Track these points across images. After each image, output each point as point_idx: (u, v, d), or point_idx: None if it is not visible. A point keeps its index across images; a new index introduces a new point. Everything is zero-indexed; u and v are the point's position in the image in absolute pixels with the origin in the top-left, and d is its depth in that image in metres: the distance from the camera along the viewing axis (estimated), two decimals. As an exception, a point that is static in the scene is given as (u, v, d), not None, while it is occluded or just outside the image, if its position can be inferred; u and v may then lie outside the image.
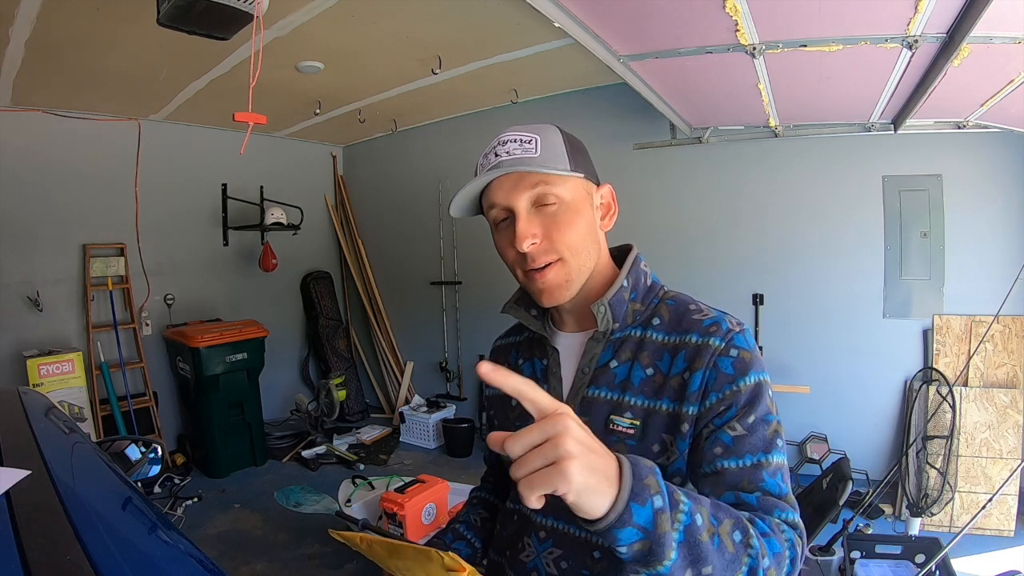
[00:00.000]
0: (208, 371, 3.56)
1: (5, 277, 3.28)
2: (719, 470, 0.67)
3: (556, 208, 0.74)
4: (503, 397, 0.90)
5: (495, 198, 0.75)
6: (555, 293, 0.76)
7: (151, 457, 1.39)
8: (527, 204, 0.74)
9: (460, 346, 4.56)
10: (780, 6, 1.68)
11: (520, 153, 0.73)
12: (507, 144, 0.75)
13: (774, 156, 3.30)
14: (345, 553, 2.69)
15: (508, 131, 0.77)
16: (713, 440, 0.69)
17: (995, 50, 1.75)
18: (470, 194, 0.77)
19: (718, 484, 0.67)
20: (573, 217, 0.75)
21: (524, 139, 0.74)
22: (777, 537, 0.61)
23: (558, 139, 0.76)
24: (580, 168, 0.76)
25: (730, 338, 0.72)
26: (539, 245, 0.73)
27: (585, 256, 0.76)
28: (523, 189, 0.73)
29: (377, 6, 2.35)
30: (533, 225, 0.73)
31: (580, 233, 0.75)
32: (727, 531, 0.56)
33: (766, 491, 0.66)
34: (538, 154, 0.73)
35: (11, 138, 3.24)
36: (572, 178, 0.75)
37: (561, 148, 0.75)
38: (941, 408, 2.87)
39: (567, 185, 0.75)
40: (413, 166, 4.61)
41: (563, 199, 0.74)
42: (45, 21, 2.22)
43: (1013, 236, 2.88)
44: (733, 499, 0.66)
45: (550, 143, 0.75)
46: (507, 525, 0.86)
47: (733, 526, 0.57)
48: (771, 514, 0.65)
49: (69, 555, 0.56)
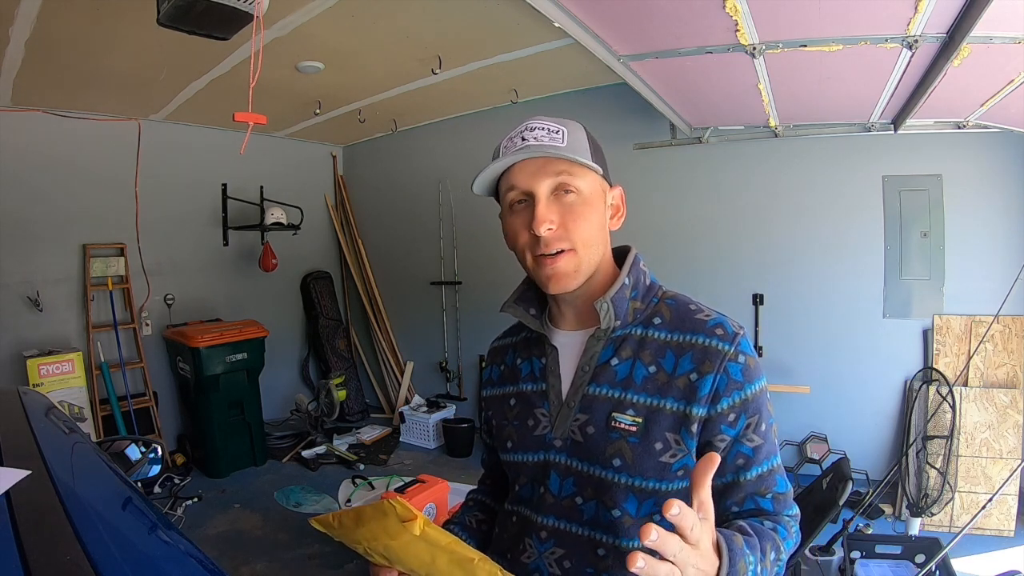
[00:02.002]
0: (208, 371, 3.56)
1: (5, 277, 3.27)
2: (740, 482, 0.74)
3: (575, 198, 0.76)
4: (501, 397, 0.90)
5: (516, 180, 0.76)
6: (562, 281, 0.77)
7: (151, 457, 1.39)
8: (548, 190, 0.75)
9: (460, 346, 4.56)
10: (780, 6, 1.68)
11: (548, 140, 0.75)
12: (535, 131, 0.76)
13: (774, 156, 3.30)
14: (345, 553, 2.68)
15: (536, 119, 0.78)
16: (735, 453, 0.74)
17: (995, 50, 1.75)
18: (495, 172, 0.78)
19: (739, 492, 0.74)
20: (589, 210, 0.76)
21: (552, 128, 0.76)
22: (791, 538, 0.73)
23: (583, 135, 0.79)
24: (600, 166, 0.78)
25: (738, 343, 0.75)
26: (555, 232, 0.75)
27: (594, 250, 0.78)
28: (547, 175, 0.75)
29: (377, 6, 2.36)
30: (552, 211, 0.75)
31: (593, 227, 0.77)
32: (769, 556, 0.66)
33: (777, 493, 0.75)
34: (565, 144, 0.75)
35: (11, 138, 3.23)
36: (593, 173, 0.77)
37: (585, 144, 0.77)
38: (941, 408, 2.87)
39: (588, 179, 0.77)
40: (413, 166, 4.61)
41: (582, 191, 0.76)
42: (45, 21, 2.22)
43: (1013, 236, 2.88)
44: (752, 505, 0.74)
45: (576, 137, 0.77)
46: (506, 527, 0.86)
47: (771, 548, 0.67)
48: (781, 514, 0.75)
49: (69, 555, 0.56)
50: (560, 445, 0.79)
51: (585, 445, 0.77)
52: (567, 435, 0.79)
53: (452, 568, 0.65)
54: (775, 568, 0.68)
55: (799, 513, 0.78)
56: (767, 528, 0.70)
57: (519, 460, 0.84)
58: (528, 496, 0.83)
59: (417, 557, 0.66)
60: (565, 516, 0.78)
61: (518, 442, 0.84)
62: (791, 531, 0.74)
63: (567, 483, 0.78)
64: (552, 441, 0.80)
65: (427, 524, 0.65)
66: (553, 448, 0.80)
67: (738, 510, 0.74)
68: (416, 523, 0.64)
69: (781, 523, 0.73)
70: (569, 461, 0.78)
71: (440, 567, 0.65)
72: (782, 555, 0.69)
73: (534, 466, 0.82)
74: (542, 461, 0.81)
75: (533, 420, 0.83)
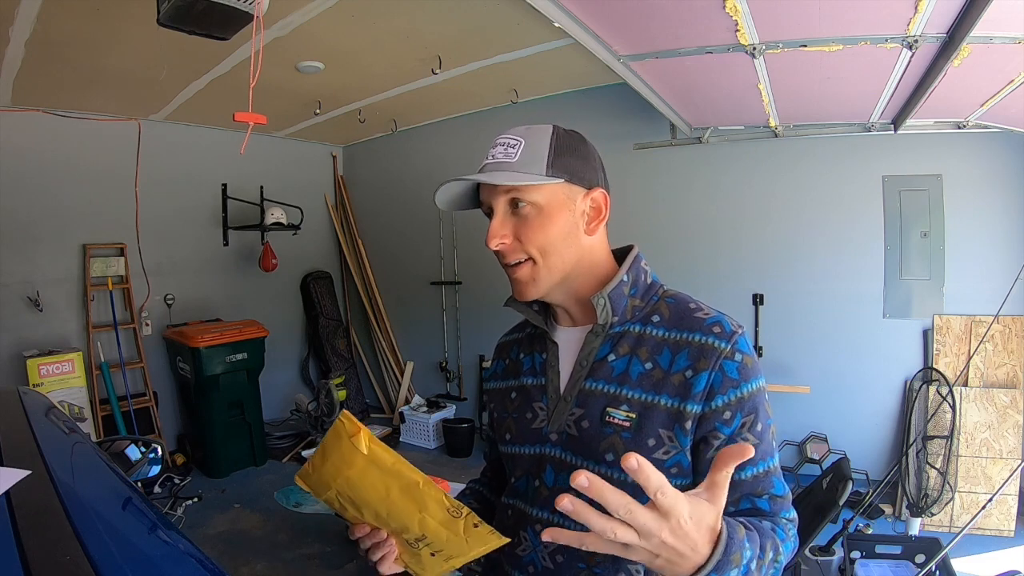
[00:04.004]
0: (208, 371, 3.56)
1: (5, 277, 3.28)
2: (736, 481, 0.72)
3: (529, 211, 0.77)
4: (504, 390, 0.92)
5: (482, 195, 0.81)
6: (522, 290, 0.80)
7: (151, 457, 1.39)
8: (504, 206, 0.78)
9: (460, 346, 4.56)
10: (780, 6, 1.68)
11: (502, 157, 0.77)
12: (497, 147, 0.79)
13: (774, 156, 3.30)
14: (345, 553, 2.69)
15: (504, 132, 0.80)
16: None
17: (995, 50, 1.75)
18: (452, 190, 0.81)
19: (735, 492, 0.73)
20: (544, 221, 0.77)
21: (511, 143, 0.78)
22: (789, 540, 0.73)
23: (544, 143, 0.78)
24: (562, 172, 0.77)
25: (735, 341, 0.75)
26: (508, 245, 0.78)
27: (556, 258, 0.78)
28: (499, 192, 0.78)
29: (377, 6, 2.36)
30: (505, 226, 0.78)
31: (551, 236, 0.77)
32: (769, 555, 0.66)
33: (774, 495, 0.74)
34: (516, 159, 0.77)
35: (11, 138, 3.24)
36: (547, 185, 0.77)
37: (543, 153, 0.77)
38: (941, 408, 2.87)
39: (542, 191, 0.77)
40: (413, 166, 4.61)
41: (536, 203, 0.77)
42: (45, 21, 2.22)
43: (1013, 236, 2.88)
44: (749, 505, 0.74)
45: (533, 147, 0.77)
46: (503, 520, 0.87)
47: (771, 547, 0.66)
48: (779, 515, 0.74)
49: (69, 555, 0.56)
50: (555, 439, 0.81)
51: (579, 439, 0.78)
52: (562, 429, 0.80)
53: (404, 499, 0.68)
54: (771, 570, 0.67)
55: (796, 518, 0.77)
56: (768, 528, 0.70)
57: (516, 452, 0.86)
58: (523, 489, 0.84)
59: (374, 489, 0.69)
60: (559, 511, 0.78)
61: (516, 434, 0.86)
62: (789, 535, 0.74)
63: (561, 477, 0.79)
64: (548, 434, 0.81)
65: (371, 440, 0.67)
66: (549, 441, 0.81)
67: (734, 510, 0.74)
68: (360, 437, 0.66)
69: (779, 525, 0.73)
70: (563, 455, 0.80)
71: (394, 499, 0.68)
72: (780, 557, 0.69)
73: (530, 459, 0.84)
74: (538, 454, 0.82)
75: (531, 413, 0.84)
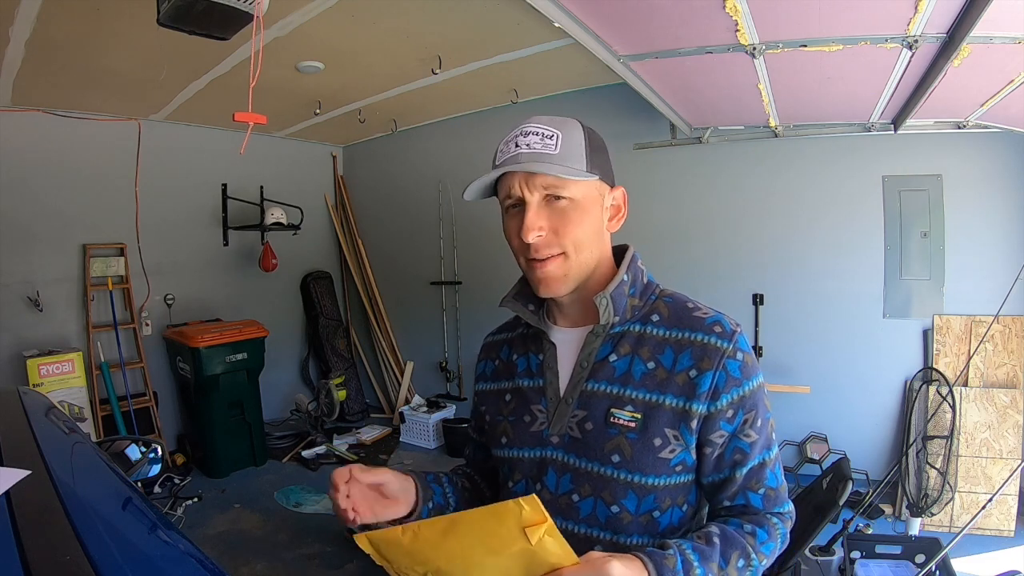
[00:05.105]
0: (208, 371, 3.56)
1: (5, 277, 3.27)
2: (735, 476, 0.76)
3: (567, 205, 0.75)
4: (496, 392, 0.90)
5: (509, 186, 0.76)
6: (552, 285, 0.77)
7: (151, 457, 1.39)
8: (539, 198, 0.75)
9: (460, 346, 4.55)
10: (780, 6, 1.68)
11: (540, 148, 0.74)
12: (529, 136, 0.75)
13: (774, 156, 3.29)
14: (345, 553, 2.69)
15: (531, 121, 0.77)
16: (733, 448, 0.76)
17: (995, 50, 1.75)
18: (487, 182, 0.78)
19: (732, 487, 0.76)
20: (582, 216, 0.76)
21: (547, 133, 0.75)
22: (774, 540, 0.75)
23: (579, 137, 0.77)
24: (596, 169, 0.77)
25: (735, 340, 0.76)
26: (544, 238, 0.75)
27: (587, 254, 0.77)
28: (537, 183, 0.74)
29: (377, 6, 2.35)
30: (541, 218, 0.74)
31: (586, 231, 0.76)
32: (734, 565, 0.69)
33: (768, 488, 0.76)
34: (557, 151, 0.74)
35: (11, 138, 3.23)
36: (587, 180, 0.76)
37: (581, 147, 0.76)
38: (941, 408, 2.87)
39: (580, 185, 0.76)
40: (413, 166, 4.61)
41: (574, 198, 0.75)
42: (45, 21, 2.22)
43: (1013, 236, 2.88)
44: (743, 500, 0.76)
45: (571, 141, 0.75)
46: None
47: (739, 556, 0.69)
48: (771, 511, 0.76)
49: (69, 555, 0.56)
50: (557, 441, 0.80)
51: (583, 441, 0.77)
52: (565, 432, 0.79)
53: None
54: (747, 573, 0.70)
55: (793, 510, 0.79)
56: (744, 532, 0.73)
57: (514, 456, 0.84)
58: (523, 493, 0.83)
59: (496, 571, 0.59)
60: (561, 513, 0.78)
61: (513, 438, 0.84)
62: (775, 532, 0.75)
63: (564, 480, 0.78)
64: (549, 438, 0.80)
65: (549, 532, 0.56)
66: (550, 444, 0.80)
67: (729, 504, 0.77)
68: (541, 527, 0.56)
69: (764, 524, 0.75)
70: (566, 458, 0.79)
71: None
72: (754, 560, 0.71)
73: (530, 463, 0.82)
74: (539, 458, 0.81)
75: (530, 416, 0.83)
